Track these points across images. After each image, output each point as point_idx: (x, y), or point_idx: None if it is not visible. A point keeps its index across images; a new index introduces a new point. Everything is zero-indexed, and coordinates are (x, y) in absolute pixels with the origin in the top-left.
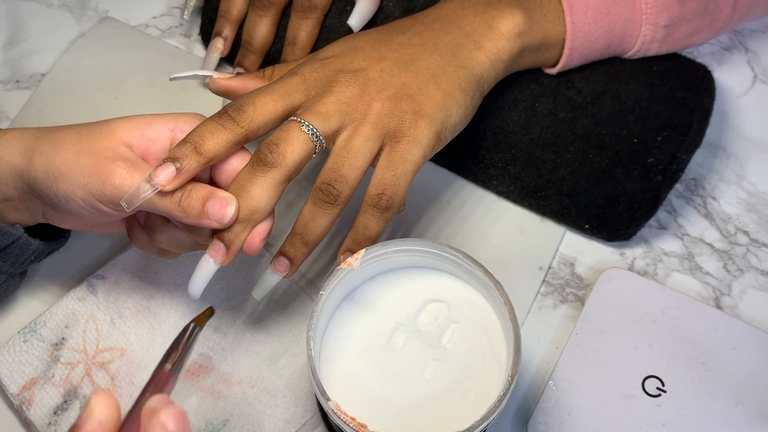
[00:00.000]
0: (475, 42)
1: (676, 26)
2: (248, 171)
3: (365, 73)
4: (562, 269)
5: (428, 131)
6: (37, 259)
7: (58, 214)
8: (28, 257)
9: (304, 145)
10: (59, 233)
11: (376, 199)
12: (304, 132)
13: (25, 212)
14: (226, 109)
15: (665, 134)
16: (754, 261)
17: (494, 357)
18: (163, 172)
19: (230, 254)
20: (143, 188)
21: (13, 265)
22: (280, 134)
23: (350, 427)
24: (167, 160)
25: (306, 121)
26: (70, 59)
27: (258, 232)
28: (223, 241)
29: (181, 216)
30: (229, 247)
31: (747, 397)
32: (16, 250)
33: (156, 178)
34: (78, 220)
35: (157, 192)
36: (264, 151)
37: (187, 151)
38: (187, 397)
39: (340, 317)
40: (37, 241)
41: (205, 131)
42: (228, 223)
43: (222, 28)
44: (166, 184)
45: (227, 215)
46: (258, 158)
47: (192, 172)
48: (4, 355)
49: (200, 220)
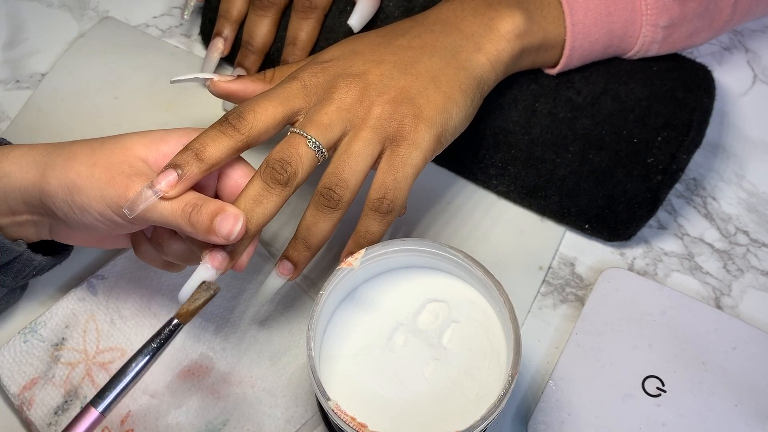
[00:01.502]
0: (474, 44)
1: (676, 27)
2: (263, 188)
3: (365, 77)
4: (562, 269)
5: (428, 134)
6: (39, 274)
7: (66, 229)
8: (30, 272)
9: (312, 161)
10: (62, 248)
11: (377, 203)
12: (311, 149)
13: (31, 228)
14: (227, 116)
15: (665, 134)
16: (754, 261)
17: (494, 357)
18: (165, 178)
19: (230, 263)
20: (145, 195)
21: (14, 280)
22: (290, 152)
23: (350, 426)
24: (169, 166)
25: (312, 137)
26: (70, 59)
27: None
28: (225, 251)
29: (190, 231)
30: (231, 258)
31: (747, 397)
32: (18, 266)
33: (158, 185)
34: (85, 235)
35: (164, 202)
36: (278, 169)
37: (189, 158)
38: (188, 397)
39: (340, 317)
40: (40, 257)
41: (206, 139)
42: (234, 240)
43: (222, 28)
44: (168, 190)
45: (234, 233)
46: (272, 176)
47: (193, 179)
48: (4, 356)
49: (208, 236)
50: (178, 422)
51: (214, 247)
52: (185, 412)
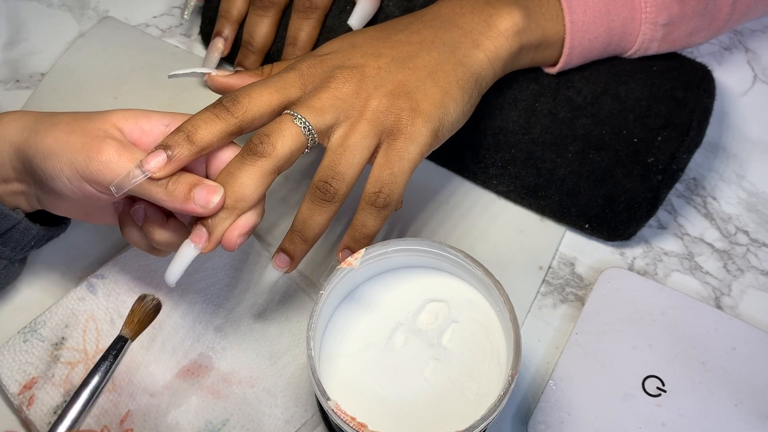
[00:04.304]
0: (473, 40)
1: (676, 25)
2: (237, 160)
3: (362, 69)
4: (562, 269)
5: (425, 129)
6: (37, 245)
7: (49, 197)
8: (28, 242)
9: (296, 138)
10: (59, 220)
11: (373, 197)
12: (297, 125)
13: (22, 198)
14: (221, 100)
15: (665, 134)
16: (754, 261)
17: (494, 357)
18: (155, 159)
19: (212, 241)
20: (133, 174)
21: (13, 251)
22: (272, 126)
23: (350, 426)
24: (159, 147)
25: (299, 115)
26: (70, 59)
27: (238, 226)
28: (206, 227)
29: (166, 200)
30: (211, 233)
31: (747, 397)
32: (17, 235)
33: (147, 165)
34: (69, 204)
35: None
36: (255, 141)
37: (180, 140)
38: (187, 397)
39: (340, 317)
40: (37, 226)
41: (198, 121)
42: (213, 209)
43: (222, 27)
44: (157, 171)
45: (212, 202)
46: (248, 148)
47: (183, 161)
48: (4, 355)
49: (185, 205)
50: (177, 422)
51: (196, 224)
52: (185, 412)
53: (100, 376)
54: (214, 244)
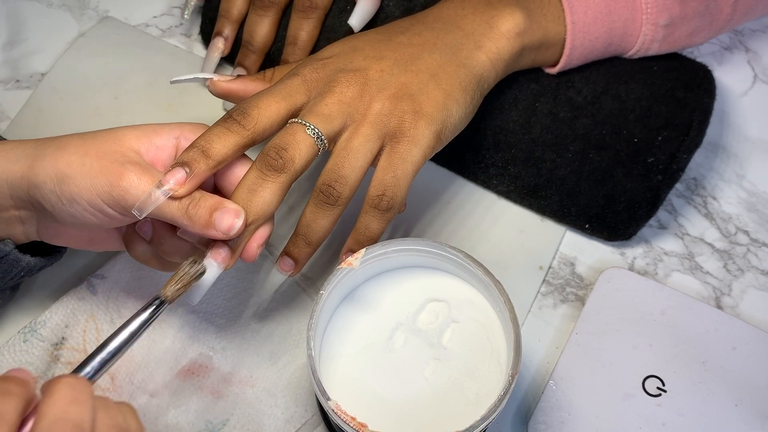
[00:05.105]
0: (475, 41)
1: (677, 26)
2: (257, 176)
3: (365, 72)
4: (563, 269)
5: (428, 131)
6: (28, 275)
7: (54, 226)
8: (18, 273)
9: (310, 148)
10: (53, 249)
11: (376, 200)
12: (310, 136)
13: (18, 226)
14: (231, 113)
15: (665, 134)
16: (754, 261)
17: (494, 356)
18: (174, 177)
19: (234, 257)
20: (155, 194)
21: (1, 281)
22: (287, 138)
23: (350, 426)
24: (176, 165)
25: (311, 124)
26: (70, 59)
27: (257, 237)
28: (227, 244)
29: (187, 224)
30: (234, 251)
31: (747, 397)
32: (5, 266)
33: (167, 184)
34: (74, 232)
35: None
36: (272, 155)
37: (196, 155)
38: (187, 397)
39: (340, 317)
40: (28, 257)
41: (212, 136)
42: (233, 236)
43: (222, 27)
44: (177, 189)
45: (234, 228)
46: (267, 163)
47: (202, 176)
48: (4, 355)
49: (206, 230)
50: (177, 422)
51: (215, 242)
52: (185, 412)
53: (130, 333)
54: (235, 261)
